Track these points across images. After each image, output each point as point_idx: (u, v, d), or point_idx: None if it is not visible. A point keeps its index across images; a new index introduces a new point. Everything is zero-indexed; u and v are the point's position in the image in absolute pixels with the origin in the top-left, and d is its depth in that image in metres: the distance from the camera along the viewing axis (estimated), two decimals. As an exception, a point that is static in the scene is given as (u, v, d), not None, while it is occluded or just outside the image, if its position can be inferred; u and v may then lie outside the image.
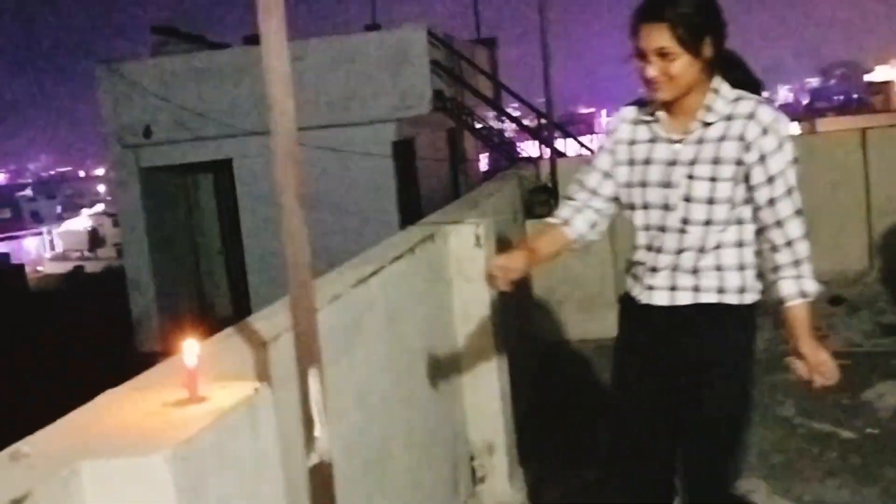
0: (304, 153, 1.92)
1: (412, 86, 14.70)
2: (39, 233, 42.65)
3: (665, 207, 2.69)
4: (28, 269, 29.18)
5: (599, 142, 2.93)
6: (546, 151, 9.73)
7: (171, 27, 17.35)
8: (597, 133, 56.47)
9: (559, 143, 14.43)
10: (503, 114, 18.49)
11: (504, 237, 5.06)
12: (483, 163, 25.88)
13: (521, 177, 7.53)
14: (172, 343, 1.93)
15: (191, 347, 1.77)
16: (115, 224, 28.73)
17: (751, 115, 2.61)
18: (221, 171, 15.92)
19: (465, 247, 4.09)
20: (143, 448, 1.54)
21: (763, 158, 2.60)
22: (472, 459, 4.17)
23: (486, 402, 4.15)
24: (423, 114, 14.91)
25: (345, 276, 3.06)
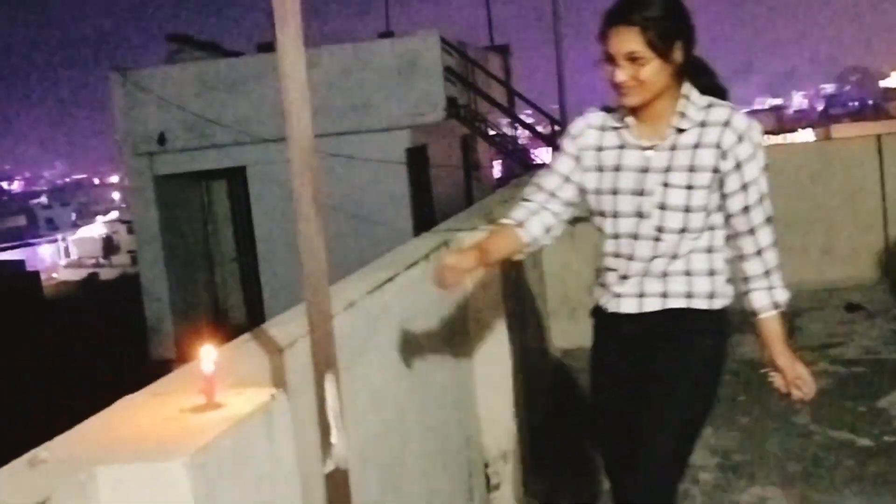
0: (318, 160, 1.93)
1: (426, 93, 14.74)
2: (54, 240, 42.80)
3: (639, 215, 2.64)
4: (43, 276, 29.33)
5: (561, 144, 2.83)
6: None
7: (186, 35, 17.48)
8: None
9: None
10: (517, 120, 18.53)
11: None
12: (496, 169, 25.88)
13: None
14: (186, 350, 1.93)
15: (208, 354, 1.77)
16: (130, 231, 28.85)
17: (726, 123, 2.58)
18: (235, 179, 15.99)
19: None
20: (161, 454, 1.54)
21: (739, 166, 2.58)
22: (487, 467, 4.16)
23: (501, 410, 4.15)
24: (437, 121, 14.95)
25: (359, 283, 3.06)
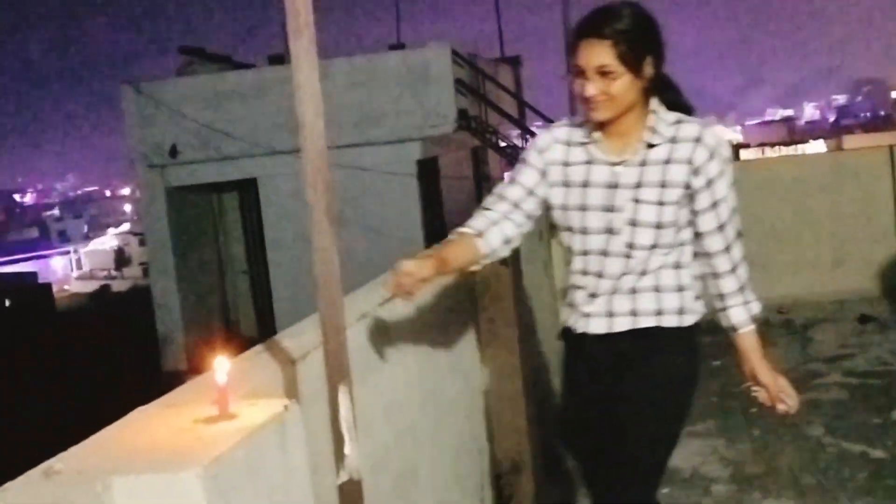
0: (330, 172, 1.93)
1: (436, 105, 14.75)
2: (66, 252, 43.01)
3: (609, 231, 2.61)
4: (55, 288, 29.50)
5: (525, 156, 2.77)
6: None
7: (198, 48, 17.55)
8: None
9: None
10: (527, 132, 18.51)
11: (529, 255, 5.05)
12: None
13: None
14: (198, 361, 1.94)
15: (221, 365, 1.78)
16: (142, 243, 29.01)
17: (697, 139, 2.56)
18: (247, 191, 16.02)
19: (491, 265, 4.08)
20: (175, 464, 1.55)
21: (710, 183, 2.57)
22: (499, 478, 4.15)
23: (514, 421, 4.14)
24: (448, 132, 14.96)
25: (371, 295, 3.07)
